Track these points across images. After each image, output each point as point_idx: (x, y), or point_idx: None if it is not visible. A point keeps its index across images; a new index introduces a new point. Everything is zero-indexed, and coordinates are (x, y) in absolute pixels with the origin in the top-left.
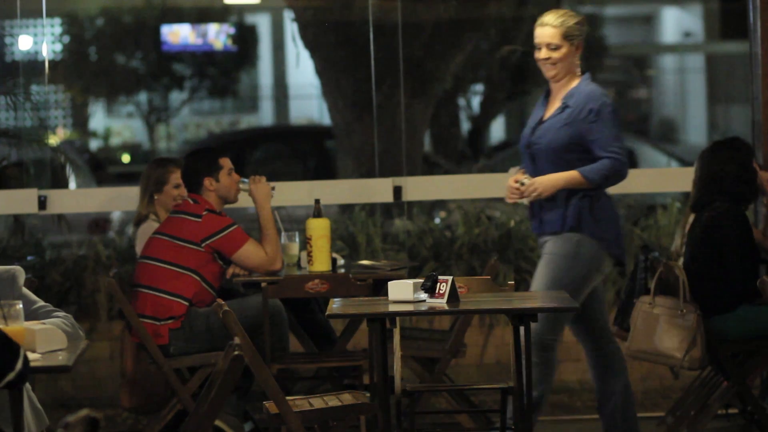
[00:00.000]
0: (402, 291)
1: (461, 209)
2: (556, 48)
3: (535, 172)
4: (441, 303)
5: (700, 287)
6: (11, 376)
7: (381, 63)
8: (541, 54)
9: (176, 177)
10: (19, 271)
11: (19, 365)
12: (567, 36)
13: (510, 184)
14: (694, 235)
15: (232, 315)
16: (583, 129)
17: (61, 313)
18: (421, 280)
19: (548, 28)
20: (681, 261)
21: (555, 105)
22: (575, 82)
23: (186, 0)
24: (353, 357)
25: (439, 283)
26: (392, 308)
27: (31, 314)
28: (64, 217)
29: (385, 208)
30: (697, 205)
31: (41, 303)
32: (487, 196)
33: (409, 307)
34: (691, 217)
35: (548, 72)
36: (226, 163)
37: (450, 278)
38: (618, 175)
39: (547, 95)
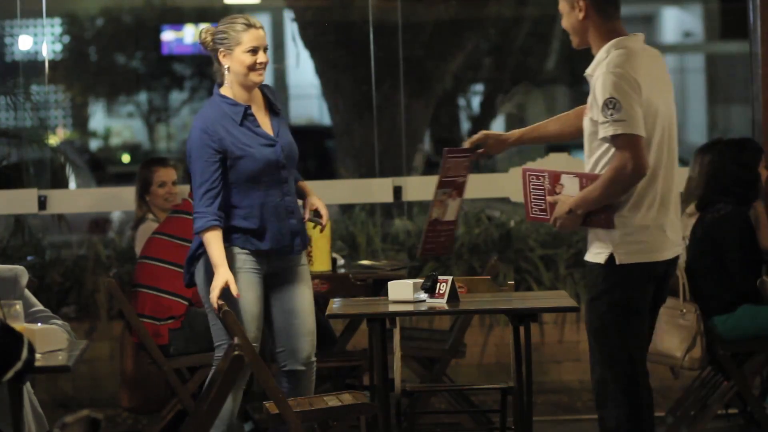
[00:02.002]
0: (402, 291)
1: (461, 209)
2: (266, 50)
3: (282, 190)
4: (441, 303)
5: (701, 287)
6: (18, 365)
7: (381, 63)
8: (261, 57)
9: (159, 176)
10: (22, 272)
11: (24, 354)
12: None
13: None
14: (697, 235)
15: (232, 315)
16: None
17: (59, 321)
18: (421, 280)
19: (262, 31)
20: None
21: (264, 113)
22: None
23: (186, 0)
24: (353, 357)
25: (439, 283)
26: (392, 308)
27: (28, 317)
28: (64, 217)
29: (385, 208)
30: (701, 203)
31: (40, 307)
32: (487, 196)
33: (409, 307)
34: (691, 219)
35: (259, 78)
36: None
37: (450, 278)
38: None
39: (235, 104)
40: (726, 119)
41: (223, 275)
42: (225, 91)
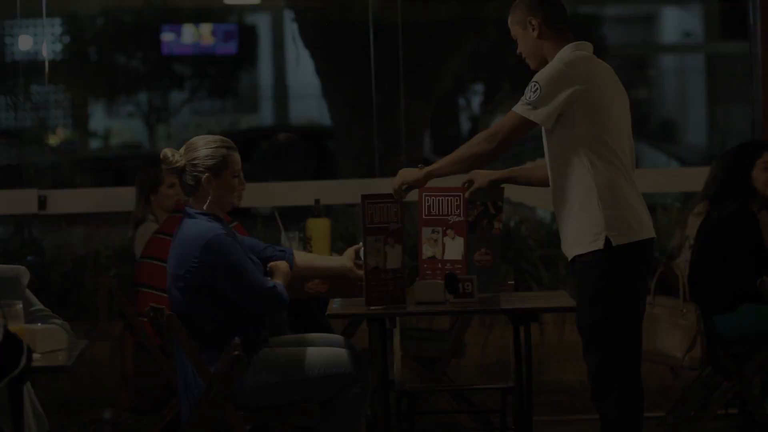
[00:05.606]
0: (432, 292)
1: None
2: None
3: None
4: (472, 302)
5: (703, 286)
6: (15, 372)
7: (381, 63)
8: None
9: (170, 176)
10: (24, 272)
11: (23, 362)
12: None
13: None
14: (704, 232)
15: (177, 320)
16: None
17: (59, 320)
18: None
19: None
20: (678, 260)
21: None
22: None
23: (186, 0)
24: None
25: (461, 283)
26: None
27: (29, 316)
28: (63, 217)
29: None
30: (711, 195)
31: (40, 307)
32: None
33: (411, 307)
34: (698, 219)
35: None
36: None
37: (474, 277)
38: None
39: None
40: (726, 119)
41: None
42: None
